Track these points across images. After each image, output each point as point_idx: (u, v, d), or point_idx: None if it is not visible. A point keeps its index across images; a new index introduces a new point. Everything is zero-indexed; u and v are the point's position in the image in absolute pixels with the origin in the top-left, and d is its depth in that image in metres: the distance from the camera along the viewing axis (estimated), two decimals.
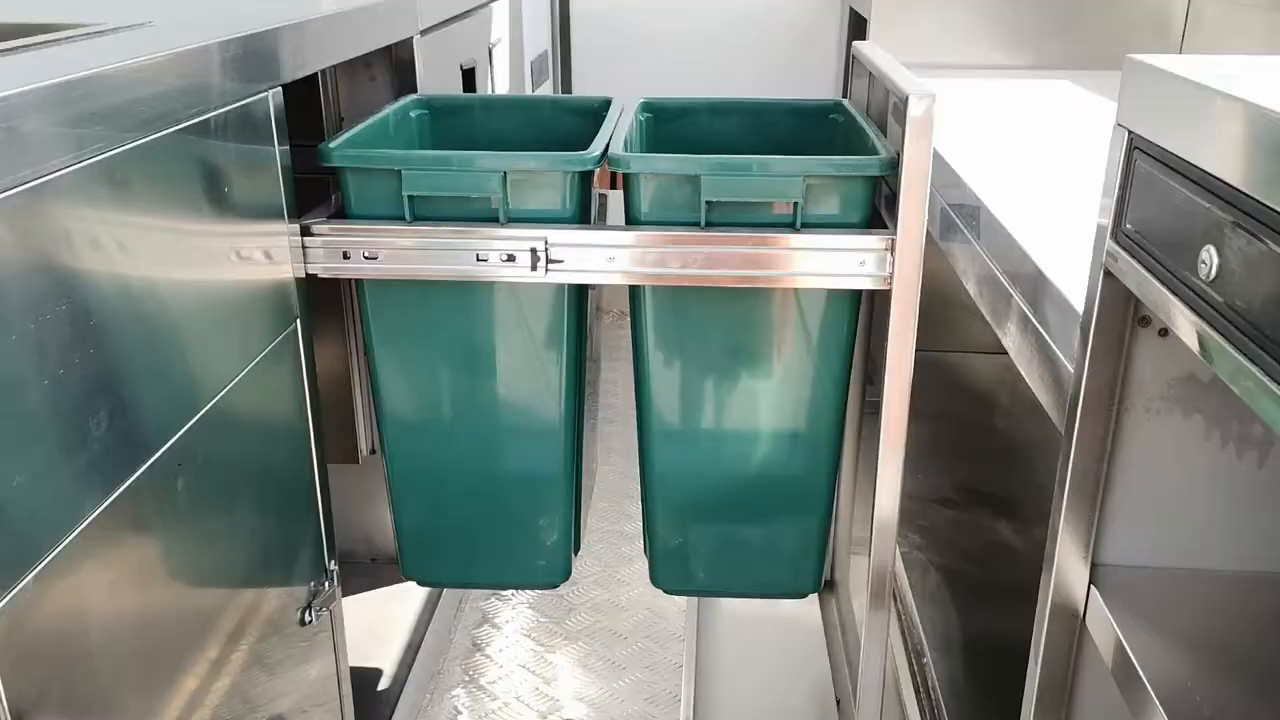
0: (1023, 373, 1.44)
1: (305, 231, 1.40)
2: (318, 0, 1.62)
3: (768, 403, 1.56)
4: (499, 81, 2.72)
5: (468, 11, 2.36)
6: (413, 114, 1.80)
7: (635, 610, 2.50)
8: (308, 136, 2.03)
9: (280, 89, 1.31)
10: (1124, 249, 1.13)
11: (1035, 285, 1.39)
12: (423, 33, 1.95)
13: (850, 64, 1.89)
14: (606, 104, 1.81)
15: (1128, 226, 1.13)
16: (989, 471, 2.58)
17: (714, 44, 3.85)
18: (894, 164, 1.37)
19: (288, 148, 1.35)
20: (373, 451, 2.18)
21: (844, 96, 1.87)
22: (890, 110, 1.71)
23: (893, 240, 1.37)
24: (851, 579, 2.42)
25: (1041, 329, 1.35)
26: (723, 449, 1.62)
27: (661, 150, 1.81)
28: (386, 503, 1.73)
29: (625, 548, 2.72)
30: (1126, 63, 1.11)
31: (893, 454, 1.48)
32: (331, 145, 1.41)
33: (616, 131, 1.56)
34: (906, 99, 1.31)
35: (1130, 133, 1.11)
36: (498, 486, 1.68)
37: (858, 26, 3.37)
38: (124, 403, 0.97)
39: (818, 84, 3.85)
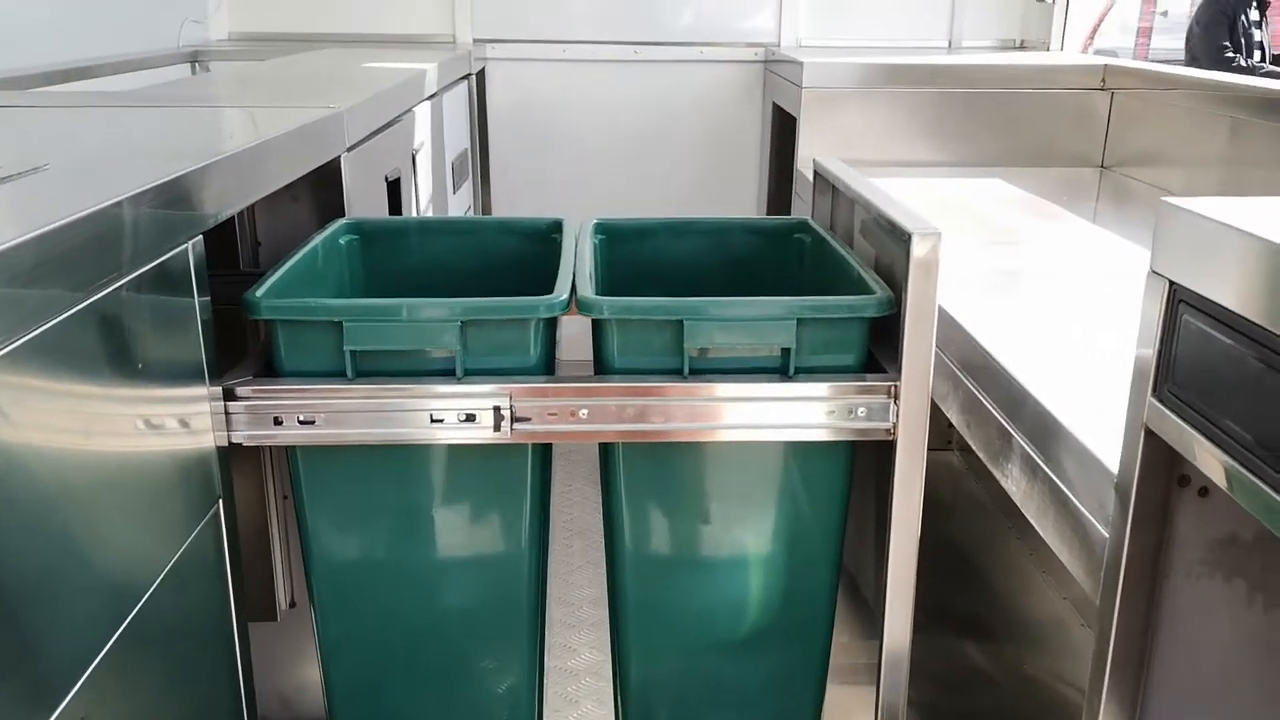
0: (1033, 521, 1.33)
1: (229, 395, 1.21)
2: (217, 123, 1.45)
3: (757, 562, 1.40)
4: (423, 188, 2.56)
5: (393, 120, 2.21)
6: (342, 240, 1.62)
7: None
8: (222, 265, 1.84)
9: (201, 236, 1.13)
10: (1166, 405, 1.03)
11: (1043, 428, 1.29)
12: (350, 149, 1.79)
13: (813, 179, 1.79)
14: (556, 226, 1.67)
15: (1169, 381, 1.03)
16: (949, 585, 2.47)
17: (634, 136, 3.77)
18: (893, 303, 1.26)
19: (208, 299, 1.17)
20: (292, 605, 1.95)
21: (807, 214, 1.77)
22: (858, 227, 1.61)
23: (895, 386, 1.25)
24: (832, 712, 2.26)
25: (1059, 480, 1.24)
26: (708, 613, 1.45)
27: (619, 276, 1.67)
28: (309, 661, 1.51)
29: (570, 686, 2.51)
30: (1161, 206, 1.02)
31: (901, 612, 1.34)
32: (259, 294, 1.23)
33: (579, 263, 1.42)
34: (909, 237, 1.19)
35: (1171, 282, 1.01)
36: (452, 646, 1.48)
37: (784, 123, 3.33)
38: (18, 646, 0.77)
39: (741, 180, 3.79)
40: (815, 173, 1.77)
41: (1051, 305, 1.72)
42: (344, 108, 1.75)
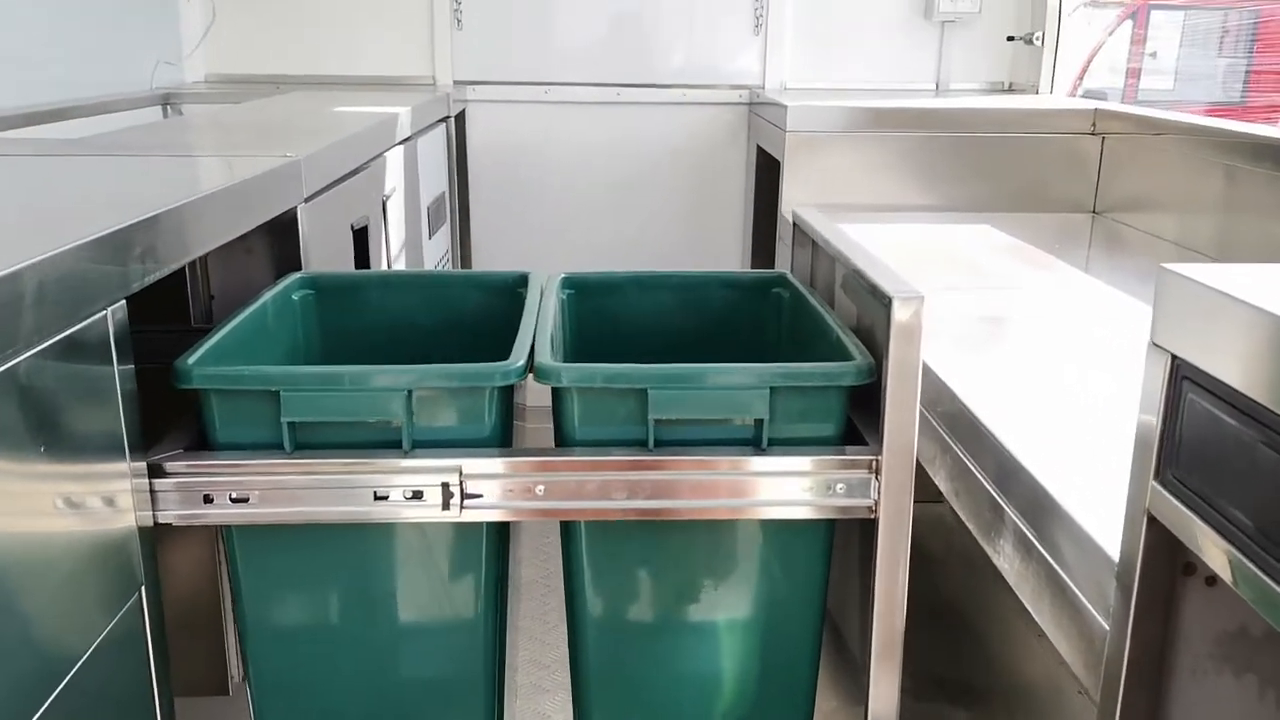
0: (1027, 605, 1.24)
1: (155, 471, 1.11)
2: (162, 173, 1.37)
3: (731, 637, 1.31)
4: (394, 235, 2.48)
5: (361, 166, 2.13)
6: (295, 296, 1.54)
7: None
8: (172, 321, 1.75)
9: (124, 300, 1.04)
10: (1169, 490, 0.94)
11: (1037, 504, 1.20)
12: (308, 199, 1.71)
13: (792, 231, 1.72)
14: (522, 280, 1.59)
15: (1172, 464, 0.94)
16: (940, 647, 2.37)
17: (617, 179, 3.70)
18: (872, 370, 1.17)
19: (131, 367, 1.07)
20: (245, 678, 1.84)
21: (786, 267, 1.69)
22: (839, 281, 1.53)
23: (877, 460, 1.16)
24: None
25: (1055, 564, 1.15)
26: (678, 689, 1.35)
27: (588, 334, 1.58)
28: None
29: None
30: (1160, 274, 0.94)
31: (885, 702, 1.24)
32: (190, 361, 1.14)
33: (540, 323, 1.33)
34: (890, 301, 1.11)
35: (1174, 356, 0.93)
36: None
37: (768, 167, 3.27)
38: None
39: (726, 224, 3.72)
40: (794, 224, 1.69)
41: (1044, 364, 1.64)
42: (302, 155, 1.67)
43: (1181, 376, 0.91)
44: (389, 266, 2.39)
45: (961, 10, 3.50)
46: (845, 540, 1.34)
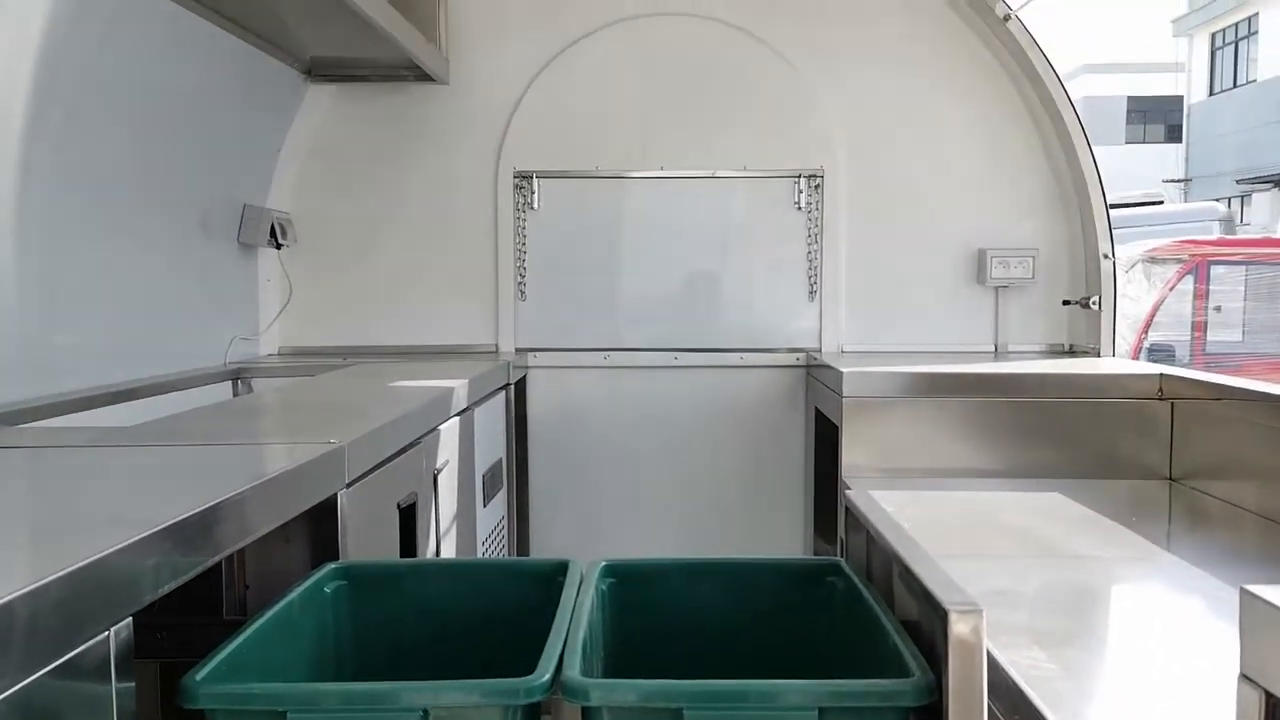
0: None
1: None
2: (197, 466, 1.36)
3: None
4: (445, 507, 2.46)
5: (413, 443, 2.14)
6: (328, 589, 1.49)
7: None
8: (202, 612, 1.71)
9: (130, 617, 1.00)
10: None
11: None
12: (350, 484, 1.70)
13: (844, 514, 1.64)
14: (562, 568, 1.53)
15: None
16: None
17: (674, 442, 3.69)
18: (932, 690, 1.06)
19: (131, 684, 1.02)
20: None
21: (841, 555, 1.61)
22: (896, 571, 1.44)
23: None
24: None
25: None
26: None
27: (628, 625, 1.50)
28: None
29: None
30: (1244, 598, 0.84)
31: None
32: (199, 678, 1.08)
33: (574, 625, 1.25)
34: (946, 614, 1.02)
35: (1268, 694, 0.82)
36: None
37: (827, 429, 3.23)
38: None
39: (787, 487, 3.66)
40: (847, 508, 1.62)
41: (1130, 667, 1.50)
42: (346, 441, 1.67)
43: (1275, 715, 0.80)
44: (438, 542, 2.35)
45: (1015, 276, 3.54)
46: None
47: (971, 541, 2.17)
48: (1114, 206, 3.71)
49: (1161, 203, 13.61)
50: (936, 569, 1.13)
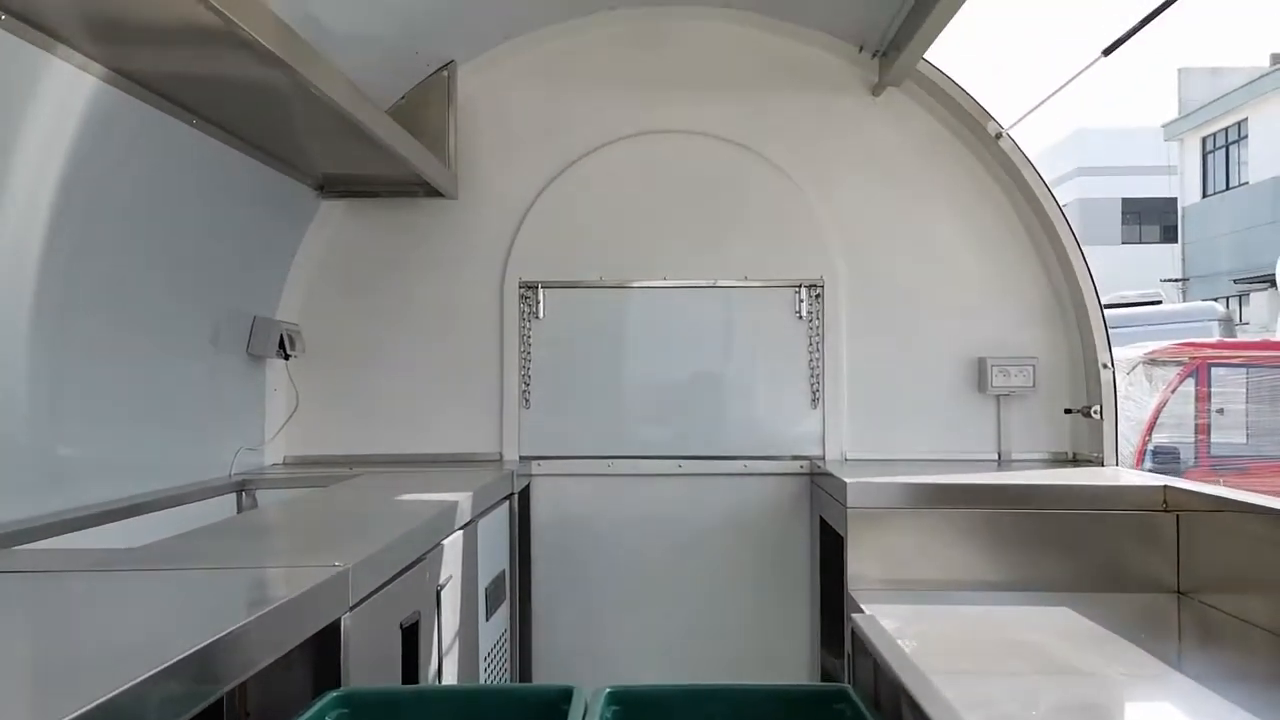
0: None
1: None
2: (198, 598, 1.36)
3: None
4: (447, 624, 2.44)
5: (416, 560, 2.14)
6: (330, 718, 1.48)
7: None
8: None
9: None
10: None
11: None
12: (353, 606, 1.69)
13: (850, 638, 1.63)
14: (566, 695, 1.52)
15: None
16: None
17: (679, 549, 3.67)
18: None
19: None
20: None
21: (848, 676, 1.59)
22: (906, 706, 1.42)
23: None
24: None
25: None
26: None
27: None
28: None
29: None
30: None
31: None
32: None
33: None
34: None
35: None
36: None
37: (831, 540, 3.21)
38: None
39: (792, 598, 3.62)
40: (853, 632, 1.61)
41: None
42: (350, 564, 1.67)
43: None
44: (439, 661, 2.32)
45: (1015, 384, 3.57)
46: None
47: (979, 659, 2.14)
48: (1113, 306, 3.77)
49: (1160, 302, 13.73)
50: (947, 708, 1.12)
